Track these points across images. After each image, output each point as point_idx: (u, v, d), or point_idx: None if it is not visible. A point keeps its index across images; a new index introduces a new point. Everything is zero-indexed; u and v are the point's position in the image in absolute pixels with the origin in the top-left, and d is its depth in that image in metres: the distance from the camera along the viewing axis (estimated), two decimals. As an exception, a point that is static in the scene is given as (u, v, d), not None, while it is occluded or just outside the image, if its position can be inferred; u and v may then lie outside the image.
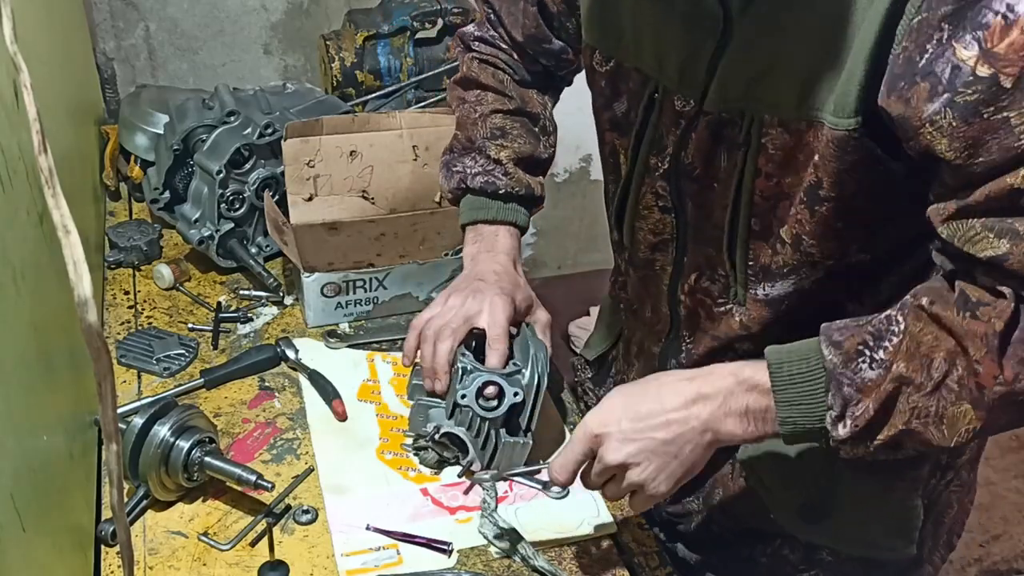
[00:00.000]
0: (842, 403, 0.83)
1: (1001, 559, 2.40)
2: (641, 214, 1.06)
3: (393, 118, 1.42)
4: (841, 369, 0.83)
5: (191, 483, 1.08)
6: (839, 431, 0.83)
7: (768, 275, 0.96)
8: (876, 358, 0.82)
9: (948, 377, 0.80)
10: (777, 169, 0.90)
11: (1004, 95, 0.72)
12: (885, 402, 0.81)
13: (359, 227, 1.38)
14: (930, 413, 0.81)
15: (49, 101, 1.21)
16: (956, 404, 0.80)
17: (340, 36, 1.77)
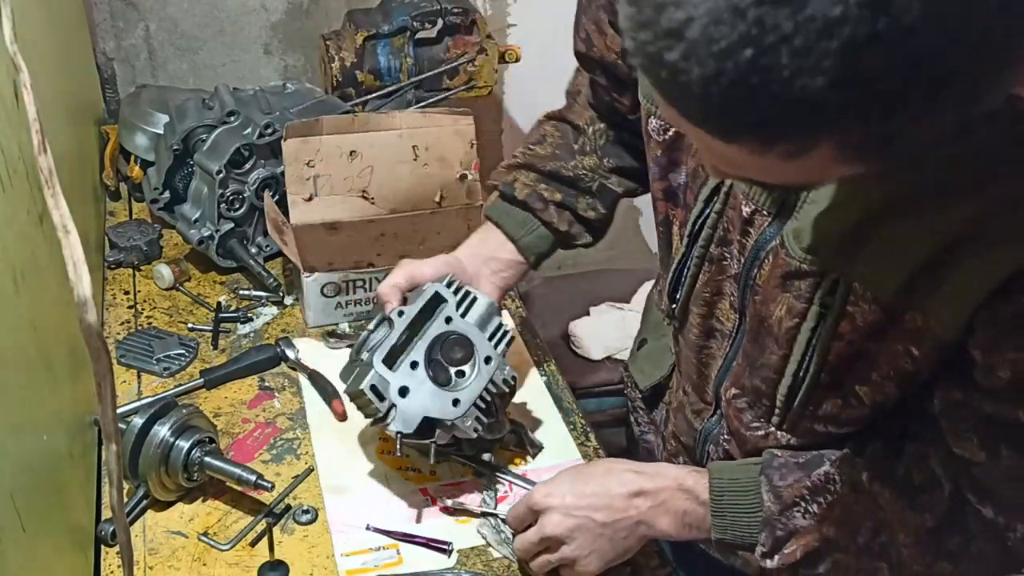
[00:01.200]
0: (772, 545, 0.90)
1: (1001, 559, 2.40)
2: (704, 299, 0.97)
3: (393, 118, 1.41)
4: (776, 516, 0.89)
5: (191, 483, 1.08)
6: (767, 563, 0.91)
7: (835, 421, 0.90)
8: (810, 510, 0.88)
9: (872, 541, 0.87)
10: (860, 338, 0.82)
11: None
12: (811, 553, 0.89)
13: (359, 227, 1.38)
14: (850, 567, 0.89)
15: (49, 101, 1.21)
16: (877, 561, 0.88)
17: (340, 36, 1.77)
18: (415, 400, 1.03)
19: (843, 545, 0.88)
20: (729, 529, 0.92)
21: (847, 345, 0.83)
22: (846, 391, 0.87)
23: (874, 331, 0.81)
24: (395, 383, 1.02)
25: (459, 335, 1.08)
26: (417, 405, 1.03)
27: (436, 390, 1.05)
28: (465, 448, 1.14)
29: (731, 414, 0.98)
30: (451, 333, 1.08)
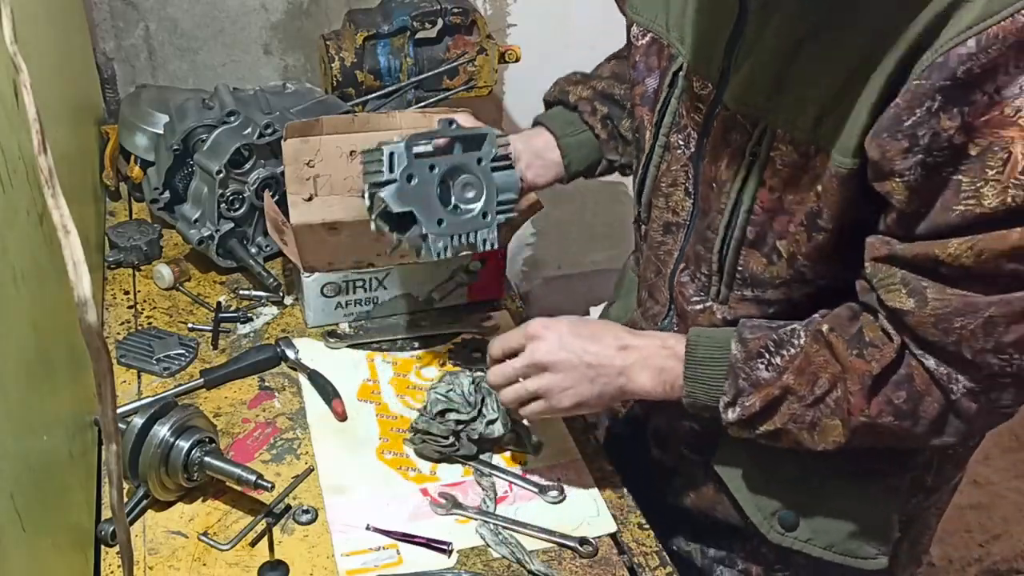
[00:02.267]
0: (735, 393, 0.95)
1: (1001, 559, 2.40)
2: (663, 191, 1.07)
3: (393, 118, 1.41)
4: (741, 364, 0.95)
5: (191, 483, 1.08)
6: (728, 415, 0.96)
7: (758, 283, 0.99)
8: (772, 363, 0.94)
9: (828, 395, 0.92)
10: (781, 184, 0.92)
11: (965, 160, 0.78)
12: (770, 403, 0.94)
13: (359, 227, 1.38)
14: (805, 421, 0.93)
15: (49, 101, 1.21)
16: (829, 418, 0.92)
17: (340, 36, 1.77)
18: (413, 191, 1.08)
19: (801, 394, 0.92)
20: (698, 381, 0.97)
21: (769, 193, 0.93)
22: (769, 247, 0.96)
23: (792, 177, 0.90)
24: (408, 167, 1.07)
25: (478, 179, 1.12)
26: (412, 196, 1.07)
27: (434, 200, 1.09)
28: (464, 448, 1.14)
29: (678, 295, 1.08)
30: (474, 172, 1.11)
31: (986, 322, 0.82)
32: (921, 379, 0.88)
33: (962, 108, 0.76)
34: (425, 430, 1.14)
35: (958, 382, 0.86)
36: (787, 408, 0.93)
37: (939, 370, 0.87)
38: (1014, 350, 0.83)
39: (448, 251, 1.10)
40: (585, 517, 1.10)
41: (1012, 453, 2.70)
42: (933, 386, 0.88)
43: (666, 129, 1.05)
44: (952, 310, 0.83)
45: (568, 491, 1.13)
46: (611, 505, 1.12)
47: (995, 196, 0.77)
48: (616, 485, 1.16)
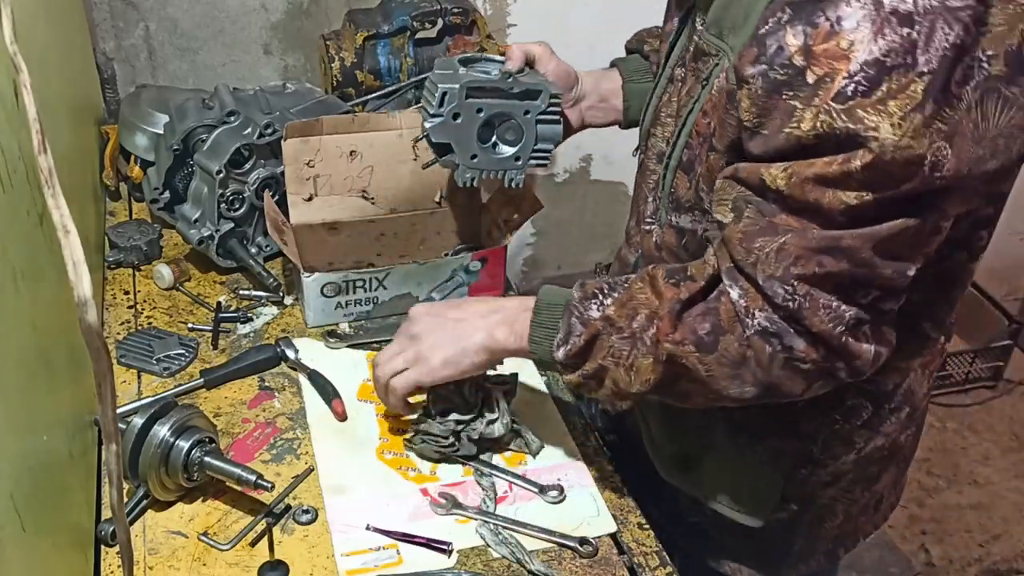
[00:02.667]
0: (566, 331, 0.98)
1: (1001, 559, 2.40)
2: (661, 121, 1.11)
3: (393, 118, 1.42)
4: (576, 303, 0.98)
5: (191, 483, 1.08)
6: (559, 354, 0.98)
7: (679, 205, 1.04)
8: (604, 303, 0.97)
9: (645, 332, 0.93)
10: (712, 109, 0.95)
11: (803, 87, 0.80)
12: (592, 337, 0.96)
13: (359, 227, 1.38)
14: (623, 357, 0.95)
15: (49, 101, 1.21)
16: (644, 356, 0.94)
17: (340, 36, 1.77)
18: (455, 128, 1.20)
19: (619, 326, 0.95)
20: (540, 325, 1.00)
21: (703, 118, 0.96)
22: (693, 173, 1.00)
23: (719, 102, 0.93)
24: (456, 107, 1.18)
25: (521, 127, 1.22)
26: (453, 131, 1.20)
27: (473, 138, 1.21)
28: (464, 449, 1.14)
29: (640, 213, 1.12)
30: (518, 120, 1.22)
31: (780, 248, 0.84)
32: (725, 312, 0.90)
33: (805, 28, 0.79)
34: (425, 430, 1.14)
35: (754, 318, 0.87)
36: (606, 342, 0.95)
37: (740, 303, 0.88)
38: (798, 283, 0.84)
39: (475, 182, 1.24)
40: (585, 517, 1.10)
41: (1012, 453, 2.70)
42: (734, 322, 0.89)
43: (673, 62, 1.08)
44: (757, 229, 0.86)
45: (568, 491, 1.13)
46: (611, 505, 1.12)
47: (810, 119, 0.79)
48: (616, 485, 1.16)
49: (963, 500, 2.54)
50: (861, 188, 0.79)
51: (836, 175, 0.79)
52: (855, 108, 0.77)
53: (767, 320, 0.87)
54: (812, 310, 0.84)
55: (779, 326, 0.87)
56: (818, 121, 0.79)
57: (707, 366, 0.91)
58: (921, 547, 2.41)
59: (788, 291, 0.85)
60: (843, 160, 0.79)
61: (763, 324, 0.87)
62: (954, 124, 0.77)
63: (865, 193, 0.79)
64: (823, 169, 0.80)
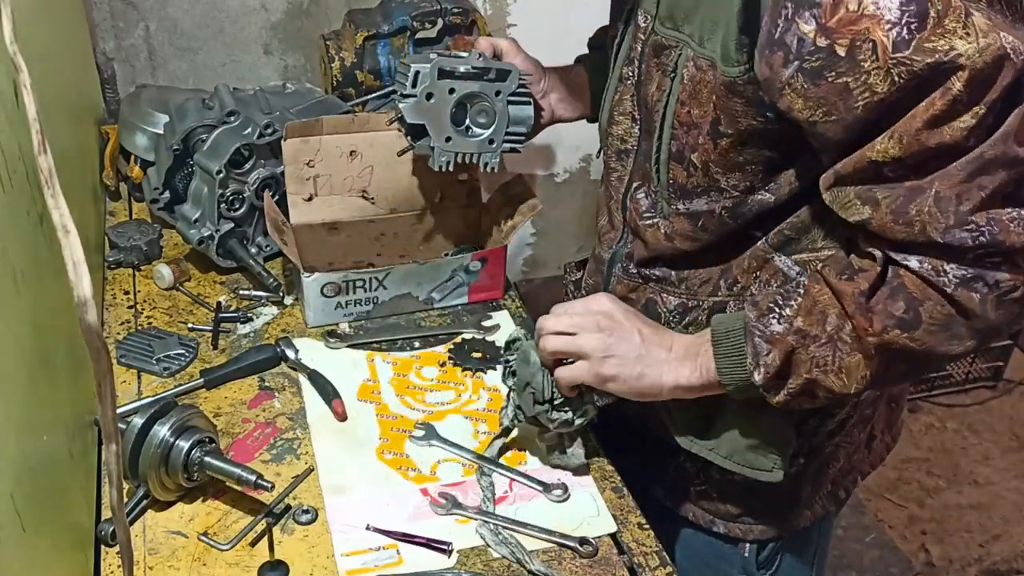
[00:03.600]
0: (754, 352, 0.96)
1: (1001, 559, 2.40)
2: (615, 119, 1.14)
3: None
4: (755, 323, 0.96)
5: (191, 483, 1.08)
6: (756, 378, 0.96)
7: (685, 193, 1.04)
8: (783, 315, 0.95)
9: (841, 331, 0.92)
10: (689, 99, 0.98)
11: (840, 62, 0.82)
12: (788, 354, 0.94)
13: (359, 227, 1.38)
14: (828, 363, 0.93)
15: (49, 101, 1.21)
16: (850, 355, 0.92)
17: (340, 36, 1.77)
18: (429, 108, 1.23)
19: (814, 334, 0.93)
20: (725, 356, 0.98)
21: (681, 107, 0.99)
22: (687, 161, 1.01)
23: (695, 91, 0.96)
24: (429, 86, 1.22)
25: (493, 109, 1.26)
26: (427, 112, 1.23)
27: (447, 119, 1.24)
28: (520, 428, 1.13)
29: (632, 212, 1.12)
30: (490, 102, 1.25)
31: (936, 199, 0.83)
32: (912, 284, 0.89)
33: (811, 11, 0.82)
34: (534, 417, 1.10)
35: (947, 273, 0.86)
36: (806, 354, 0.94)
37: (923, 267, 0.87)
38: (976, 216, 0.83)
39: (450, 166, 1.27)
40: (585, 517, 1.10)
41: (1012, 453, 2.70)
42: (927, 287, 0.88)
43: (620, 62, 1.11)
44: (903, 200, 0.85)
45: (569, 492, 1.13)
46: (611, 505, 1.12)
47: (882, 81, 0.80)
48: (616, 485, 1.16)
49: (963, 500, 2.54)
50: (971, 105, 0.79)
51: (943, 110, 0.80)
52: (922, 44, 0.78)
53: (960, 269, 0.86)
54: (1004, 231, 0.83)
55: (975, 270, 0.86)
56: (894, 75, 0.80)
57: (919, 341, 0.90)
58: (921, 547, 2.41)
59: (971, 229, 0.83)
60: (942, 93, 0.79)
61: (959, 275, 0.86)
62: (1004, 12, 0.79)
63: (978, 107, 0.79)
64: (927, 113, 0.80)
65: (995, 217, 0.83)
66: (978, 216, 0.83)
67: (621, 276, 1.16)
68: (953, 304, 0.87)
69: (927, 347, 0.90)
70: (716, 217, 1.03)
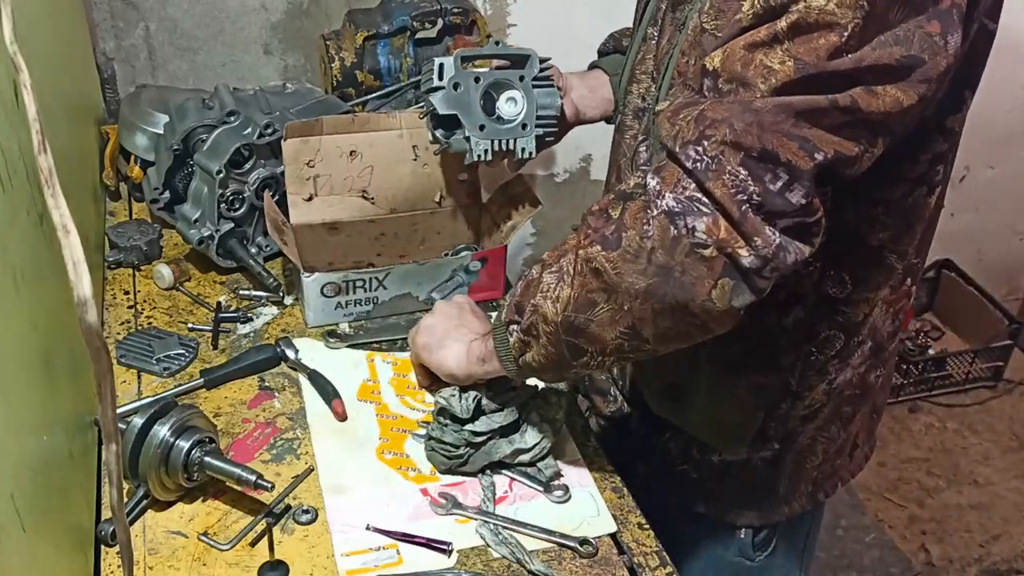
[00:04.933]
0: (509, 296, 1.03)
1: (1001, 559, 2.40)
2: (637, 78, 1.16)
3: (393, 118, 1.42)
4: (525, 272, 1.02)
5: (191, 483, 1.08)
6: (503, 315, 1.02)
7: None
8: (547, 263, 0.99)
9: (563, 259, 0.96)
10: (688, 48, 1.00)
11: None
12: (526, 285, 1.00)
13: (359, 227, 1.38)
14: (550, 290, 0.96)
15: (49, 101, 1.21)
16: (568, 286, 0.94)
17: (340, 36, 1.77)
18: (458, 98, 1.25)
19: (548, 263, 0.97)
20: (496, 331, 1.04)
21: (681, 56, 1.01)
22: None
23: (694, 40, 0.97)
24: (455, 76, 1.24)
25: (521, 93, 1.27)
26: (457, 102, 1.25)
27: (477, 107, 1.25)
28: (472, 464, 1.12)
29: (636, 164, 1.15)
30: (516, 87, 1.27)
31: (699, 114, 0.86)
32: (633, 208, 0.90)
33: None
34: (438, 438, 1.13)
35: (662, 199, 0.87)
36: (536, 282, 0.98)
37: (653, 187, 0.88)
38: (708, 144, 0.85)
39: (489, 154, 1.26)
40: (585, 517, 1.10)
41: (1012, 453, 2.70)
42: (639, 216, 0.89)
43: (645, 23, 1.13)
44: (682, 103, 0.88)
45: (570, 493, 1.13)
46: (611, 505, 1.12)
47: (747, 2, 0.84)
48: (616, 485, 1.16)
49: (963, 500, 2.54)
50: (785, 54, 0.82)
51: (763, 38, 0.83)
52: None
53: (674, 200, 0.86)
54: (717, 173, 0.84)
55: (684, 205, 0.86)
56: (757, 4, 0.83)
57: (612, 263, 0.90)
58: (921, 547, 2.41)
59: (698, 152, 0.85)
60: (770, 25, 0.83)
61: (669, 204, 0.86)
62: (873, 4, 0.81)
63: (787, 59, 0.82)
64: (752, 37, 0.84)
65: (720, 160, 0.84)
66: (711, 146, 0.85)
67: None
68: (649, 234, 0.88)
69: (618, 273, 0.90)
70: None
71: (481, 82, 1.25)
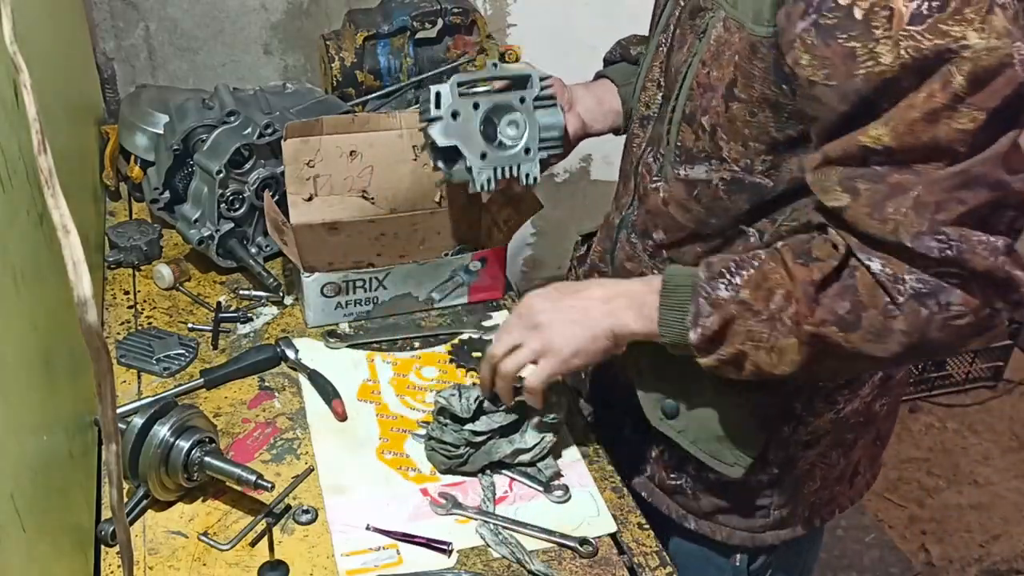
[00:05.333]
0: (695, 312, 0.96)
1: (1001, 559, 2.40)
2: (645, 87, 1.15)
3: (393, 118, 1.42)
4: (703, 283, 0.96)
5: (191, 483, 1.08)
6: (691, 337, 0.96)
7: (689, 157, 1.04)
8: (732, 282, 0.95)
9: (783, 312, 0.92)
10: (711, 59, 0.98)
11: (854, 25, 0.82)
12: (727, 321, 0.94)
13: (359, 227, 1.38)
14: (763, 340, 0.94)
15: (49, 101, 1.21)
16: (786, 337, 0.93)
17: (340, 36, 1.77)
18: (458, 127, 1.18)
19: (756, 309, 0.93)
20: (670, 308, 0.98)
21: (702, 68, 0.99)
22: (697, 123, 1.01)
23: (717, 52, 0.96)
24: (453, 104, 1.17)
25: (522, 117, 1.21)
26: (456, 131, 1.18)
27: (477, 135, 1.19)
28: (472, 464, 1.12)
29: (641, 176, 1.13)
30: (517, 110, 1.21)
31: (916, 202, 0.83)
32: (864, 286, 0.89)
33: None
34: (438, 438, 1.13)
35: (904, 283, 0.86)
36: (743, 325, 0.94)
37: (884, 271, 0.87)
38: (949, 228, 0.83)
39: (492, 183, 1.20)
40: (585, 517, 1.10)
41: (1012, 453, 2.70)
42: (878, 293, 0.88)
43: (658, 31, 1.12)
44: (883, 196, 0.85)
45: (570, 493, 1.13)
46: (611, 505, 1.12)
47: (889, 52, 0.80)
48: (616, 485, 1.16)
49: (963, 500, 2.54)
50: (971, 108, 0.79)
51: (943, 103, 0.80)
52: (936, 24, 0.78)
53: (918, 282, 0.86)
54: (971, 250, 0.83)
55: (932, 284, 0.86)
56: (901, 49, 0.79)
57: (852, 343, 0.90)
58: (921, 547, 2.41)
59: (941, 240, 0.83)
60: (942, 84, 0.79)
61: (915, 287, 0.86)
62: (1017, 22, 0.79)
63: (977, 112, 0.79)
64: (927, 103, 0.80)
65: (966, 235, 0.83)
66: (951, 229, 0.83)
67: (624, 243, 1.17)
68: (896, 316, 0.88)
69: (856, 350, 0.91)
70: (712, 188, 1.03)
71: (480, 108, 1.19)
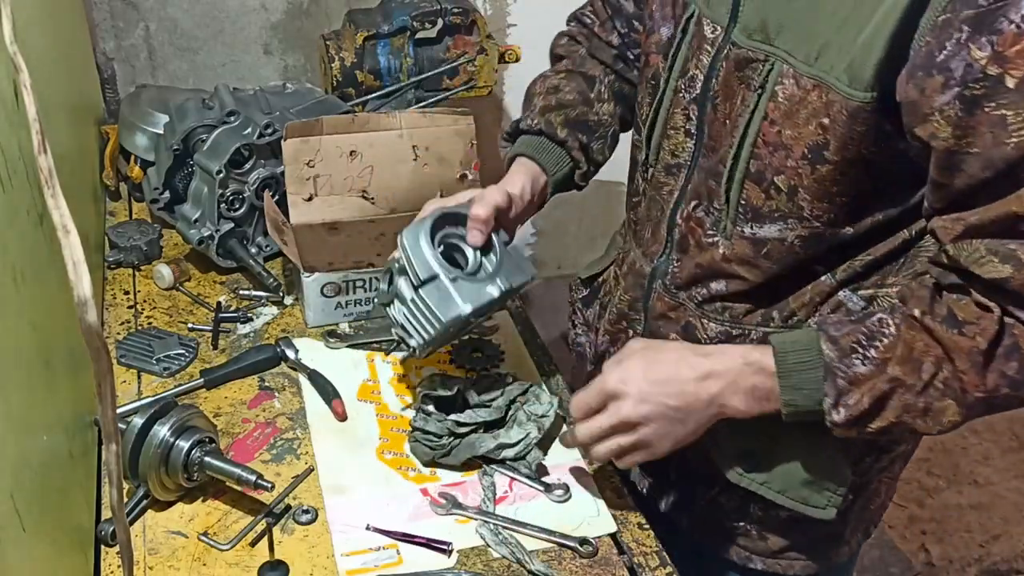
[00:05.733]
0: (836, 393, 0.93)
1: (1001, 559, 2.40)
2: (668, 134, 1.10)
3: (393, 118, 1.41)
4: (837, 363, 0.93)
5: (191, 483, 1.08)
6: (835, 416, 0.94)
7: (757, 216, 1.01)
8: (868, 356, 0.92)
9: (935, 378, 0.91)
10: (782, 118, 0.94)
11: (1005, 93, 0.79)
12: (879, 398, 0.92)
13: (359, 227, 1.38)
14: (918, 408, 0.92)
15: (49, 101, 1.21)
16: (941, 400, 0.91)
17: (340, 36, 1.77)
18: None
19: (909, 383, 0.91)
20: (796, 388, 0.95)
21: (770, 126, 0.95)
22: (767, 183, 0.98)
23: (790, 111, 0.93)
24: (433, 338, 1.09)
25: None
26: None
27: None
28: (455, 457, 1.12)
29: (689, 230, 1.09)
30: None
31: None
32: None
33: (990, 38, 0.78)
34: (422, 428, 1.14)
35: None
36: (898, 400, 0.92)
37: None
38: None
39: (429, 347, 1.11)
40: (585, 517, 1.10)
41: (1012, 453, 2.70)
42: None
43: (676, 74, 1.07)
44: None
45: (570, 492, 1.13)
46: (611, 505, 1.12)
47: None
48: (616, 485, 1.16)
49: (963, 500, 2.54)
50: None
51: None
52: None
53: None
54: None
55: None
56: None
57: (1021, 399, 0.91)
58: (921, 547, 2.41)
59: None
60: None
61: None
62: None
63: None
64: None
65: None
66: None
67: (662, 293, 1.13)
68: None
69: (1021, 398, 0.91)
70: (786, 246, 1.00)
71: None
